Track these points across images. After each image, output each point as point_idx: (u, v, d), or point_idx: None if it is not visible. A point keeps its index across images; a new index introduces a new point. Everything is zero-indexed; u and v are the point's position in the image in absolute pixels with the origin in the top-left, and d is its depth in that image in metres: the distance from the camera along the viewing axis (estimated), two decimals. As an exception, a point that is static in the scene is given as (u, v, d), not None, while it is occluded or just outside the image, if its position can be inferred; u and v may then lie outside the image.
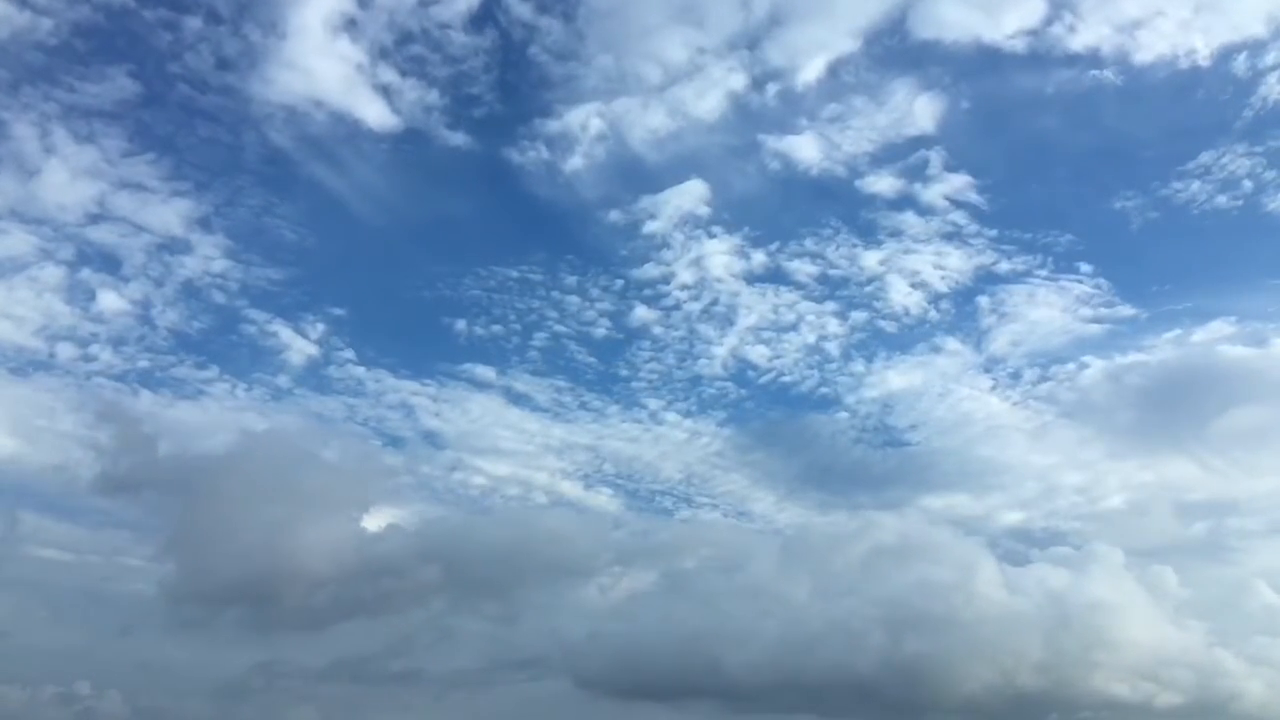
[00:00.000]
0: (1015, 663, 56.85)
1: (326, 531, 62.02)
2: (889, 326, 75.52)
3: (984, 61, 74.32)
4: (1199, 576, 66.83)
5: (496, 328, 75.19)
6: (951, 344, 75.23)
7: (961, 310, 75.56)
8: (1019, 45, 72.79)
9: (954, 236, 74.65)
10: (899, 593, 60.50)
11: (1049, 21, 72.30)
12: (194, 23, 70.35)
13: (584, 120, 74.47)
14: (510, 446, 72.80)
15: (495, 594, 65.13)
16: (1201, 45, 72.11)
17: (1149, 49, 72.46)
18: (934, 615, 58.82)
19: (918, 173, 74.57)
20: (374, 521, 65.08)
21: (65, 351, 67.45)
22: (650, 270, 75.78)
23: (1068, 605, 60.06)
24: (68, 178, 68.40)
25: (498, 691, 62.47)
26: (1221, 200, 73.44)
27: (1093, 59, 73.41)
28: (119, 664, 61.16)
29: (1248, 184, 73.02)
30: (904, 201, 74.80)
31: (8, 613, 61.79)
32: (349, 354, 73.16)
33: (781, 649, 59.58)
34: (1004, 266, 74.84)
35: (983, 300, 75.44)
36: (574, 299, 75.89)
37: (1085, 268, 74.64)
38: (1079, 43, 73.07)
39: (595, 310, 75.83)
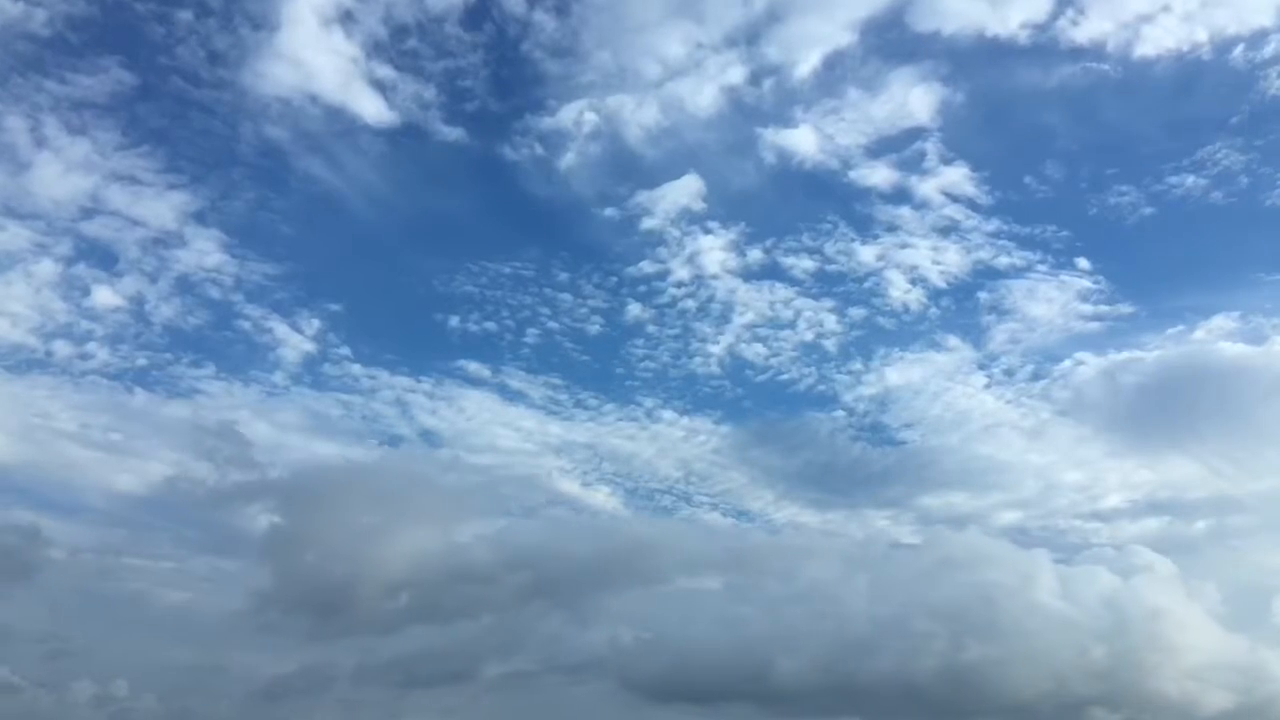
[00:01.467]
0: (1063, 665, 56.50)
1: (408, 541, 63.47)
2: (887, 323, 75.46)
3: (983, 55, 74.40)
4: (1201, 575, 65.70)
5: (491, 324, 75.27)
6: (949, 341, 75.26)
7: (959, 306, 75.62)
8: (1019, 38, 72.86)
9: (952, 231, 74.72)
10: (940, 596, 59.84)
11: (1055, 16, 72.18)
12: (187, 15, 70.49)
13: (579, 116, 74.41)
14: (508, 445, 72.66)
15: (559, 599, 65.24)
16: (1205, 38, 71.91)
17: (1152, 42, 72.47)
18: (978, 619, 58.30)
19: (916, 166, 74.61)
20: (454, 531, 66.16)
21: (62, 349, 67.30)
22: (645, 267, 75.64)
23: (1121, 610, 59.27)
24: (61, 171, 68.29)
25: (541, 693, 62.47)
26: (1222, 195, 73.45)
27: (1094, 52, 73.53)
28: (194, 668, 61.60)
29: (1249, 179, 73.09)
30: (902, 196, 74.88)
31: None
32: (345, 350, 73.04)
33: (825, 653, 59.37)
34: (1003, 261, 74.77)
35: (981, 296, 75.37)
36: (569, 296, 75.96)
37: (1084, 263, 74.38)
38: (1082, 36, 73.01)
39: (590, 307, 75.84)
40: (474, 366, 73.85)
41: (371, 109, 71.61)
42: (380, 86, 71.72)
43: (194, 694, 59.32)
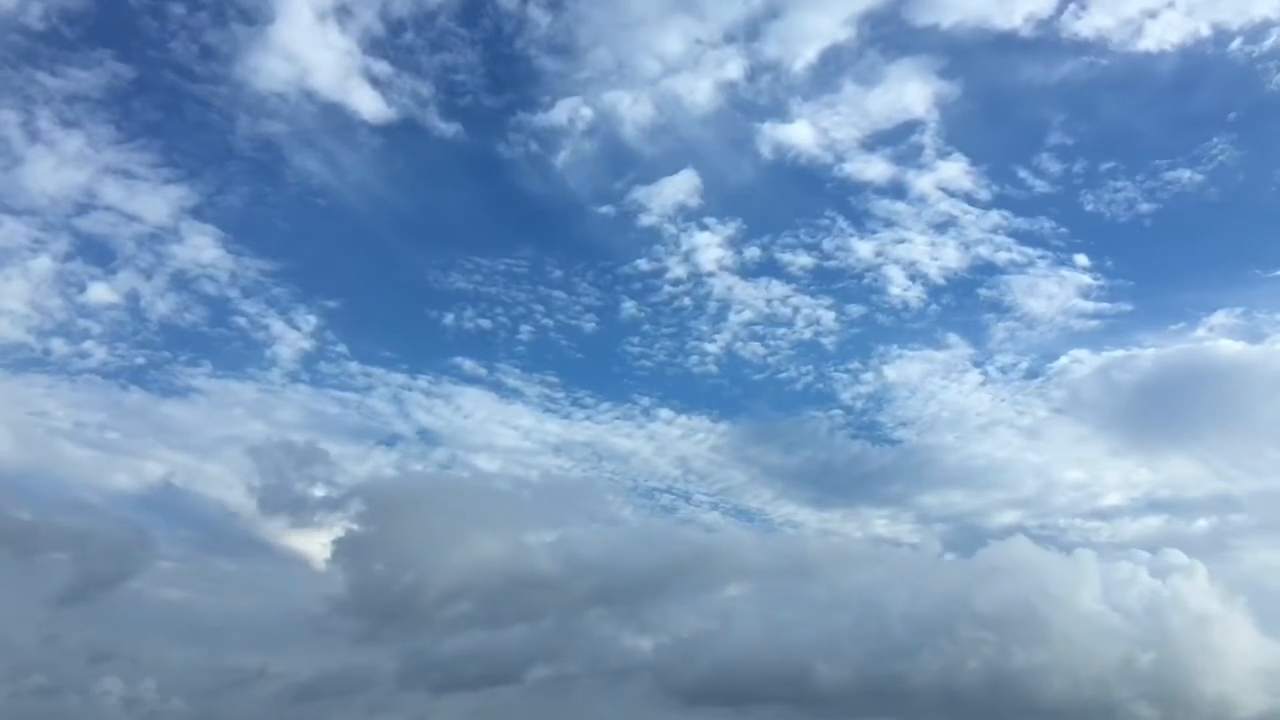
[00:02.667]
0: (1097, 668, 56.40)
1: (465, 549, 63.50)
2: (885, 320, 75.10)
3: (983, 48, 74.08)
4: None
5: (486, 321, 74.74)
6: (948, 338, 74.91)
7: (958, 303, 75.16)
8: (1021, 31, 72.56)
9: (950, 226, 74.18)
10: (973, 600, 59.51)
11: (1060, 10, 72.08)
12: (180, 9, 69.94)
13: (576, 112, 73.89)
14: (505, 443, 72.32)
15: (612, 605, 64.83)
16: (1208, 32, 71.55)
17: (1154, 37, 72.00)
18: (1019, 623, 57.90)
19: (914, 161, 74.19)
20: (521, 537, 65.96)
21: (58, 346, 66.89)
22: (642, 264, 75.37)
23: (1163, 615, 58.88)
24: (55, 166, 67.69)
25: (577, 696, 61.86)
26: (1222, 191, 72.93)
27: (1095, 46, 72.94)
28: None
29: (1249, 175, 72.80)
30: (900, 191, 74.41)
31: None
32: (342, 348, 72.61)
33: (863, 655, 59.21)
34: (1001, 257, 74.24)
35: (980, 293, 74.92)
36: (564, 293, 75.55)
37: (1083, 260, 73.87)
38: (1086, 29, 72.54)
39: (585, 304, 75.51)
40: (470, 364, 73.75)
41: (367, 104, 71.30)
42: (376, 82, 71.46)
43: (221, 695, 59.12)
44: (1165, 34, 71.50)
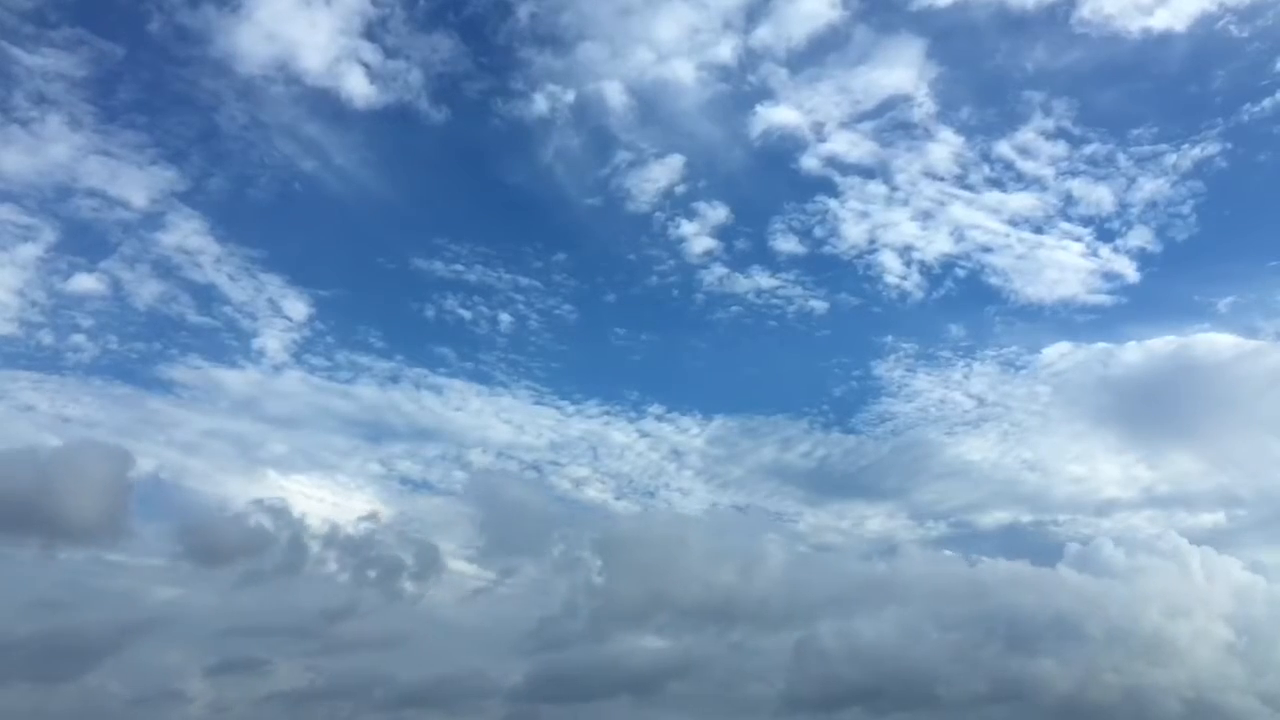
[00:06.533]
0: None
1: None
2: (877, 309, 74.63)
3: (976, 27, 73.39)
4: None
5: (471, 311, 73.37)
6: (943, 328, 74.44)
7: (951, 292, 74.27)
8: (1013, 10, 72.10)
9: (942, 211, 73.22)
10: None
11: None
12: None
13: (563, 99, 72.72)
14: (501, 439, 71.30)
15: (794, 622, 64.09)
16: (1213, 8, 70.84)
17: (1156, 17, 71.33)
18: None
19: (907, 144, 73.30)
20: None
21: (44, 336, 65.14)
22: (629, 255, 74.84)
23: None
24: (35, 148, 65.81)
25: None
26: (1226, 185, 72.23)
27: (1097, 26, 72.08)
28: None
29: (1251, 165, 72.08)
30: (892, 173, 73.39)
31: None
32: (330, 339, 71.25)
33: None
34: (997, 244, 73.52)
35: (973, 282, 74.00)
36: (551, 283, 74.59)
37: (1079, 249, 73.15)
38: (1088, 10, 71.74)
39: (573, 295, 74.69)
40: (461, 356, 72.79)
41: (354, 89, 69.83)
42: (363, 66, 69.88)
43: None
44: (1167, 15, 71.14)
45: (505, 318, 73.15)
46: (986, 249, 73.14)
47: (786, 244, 74.14)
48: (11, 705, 52.91)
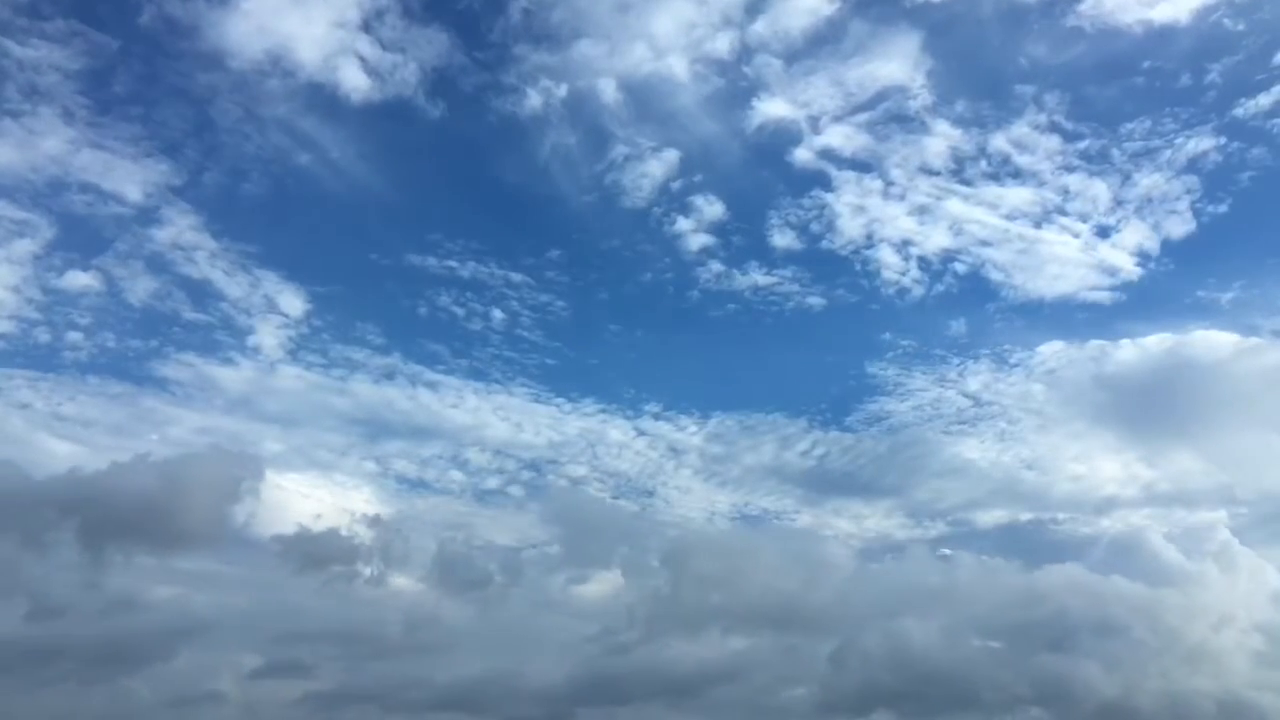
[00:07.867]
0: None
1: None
2: (874, 306, 74.16)
3: (976, 19, 72.99)
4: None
5: (467, 309, 72.88)
6: (941, 325, 74.09)
7: (950, 289, 73.87)
8: (1015, 6, 71.83)
9: (941, 206, 72.81)
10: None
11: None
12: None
13: (558, 95, 72.15)
14: (499, 437, 71.03)
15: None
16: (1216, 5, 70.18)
17: (1156, 9, 70.74)
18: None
19: (902, 137, 72.81)
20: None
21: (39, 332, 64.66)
22: (624, 251, 74.51)
23: None
24: (28, 141, 65.33)
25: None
26: (1224, 181, 71.73)
27: (1097, 19, 71.44)
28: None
29: (1251, 160, 71.42)
30: (888, 170, 72.94)
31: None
32: (326, 335, 70.74)
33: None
34: (996, 240, 73.12)
35: (972, 278, 73.65)
36: (548, 280, 74.17)
37: (1079, 245, 72.71)
38: (1085, 3, 71.16)
39: (571, 293, 74.43)
40: (455, 353, 72.30)
41: (349, 84, 69.08)
42: (360, 60, 69.19)
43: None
44: (1165, 9, 70.56)
45: (499, 314, 72.95)
46: (984, 243, 73.11)
47: (783, 240, 74.12)
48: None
